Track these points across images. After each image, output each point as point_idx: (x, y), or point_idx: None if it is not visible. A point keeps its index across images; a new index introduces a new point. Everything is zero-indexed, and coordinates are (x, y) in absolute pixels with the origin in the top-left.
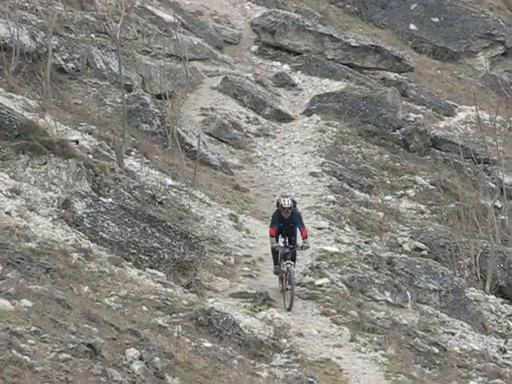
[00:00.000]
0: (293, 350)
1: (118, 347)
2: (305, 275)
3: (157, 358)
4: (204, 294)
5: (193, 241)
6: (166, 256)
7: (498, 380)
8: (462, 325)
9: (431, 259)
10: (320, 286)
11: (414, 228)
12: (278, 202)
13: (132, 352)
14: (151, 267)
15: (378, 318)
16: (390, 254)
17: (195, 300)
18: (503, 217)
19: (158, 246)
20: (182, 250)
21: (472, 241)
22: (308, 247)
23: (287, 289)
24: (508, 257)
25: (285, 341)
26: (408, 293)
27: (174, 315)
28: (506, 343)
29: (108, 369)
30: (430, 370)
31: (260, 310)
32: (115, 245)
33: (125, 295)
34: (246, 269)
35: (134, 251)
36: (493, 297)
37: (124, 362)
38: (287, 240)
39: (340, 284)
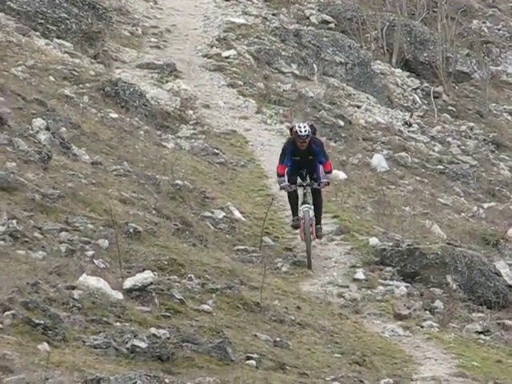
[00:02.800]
0: (199, 122)
1: (25, 117)
2: (212, 47)
3: (63, 129)
4: (111, 64)
5: (101, 11)
6: (74, 26)
7: (403, 153)
8: (367, 98)
9: (338, 32)
10: (227, 57)
11: (321, 1)
12: (291, 129)
13: (38, 122)
14: (58, 37)
15: (284, 91)
16: (297, 27)
17: (102, 71)
18: None
19: (65, 16)
20: (90, 21)
21: (379, 14)
22: (328, 184)
23: (303, 239)
24: (414, 30)
25: (191, 112)
26: (314, 65)
27: (80, 86)
28: (411, 117)
29: (14, 138)
30: (335, 142)
31: (167, 82)
32: (23, 14)
33: (32, 65)
34: (153, 40)
35: (42, 21)
36: (399, 70)
37: (30, 131)
38: (307, 177)
39: (247, 56)
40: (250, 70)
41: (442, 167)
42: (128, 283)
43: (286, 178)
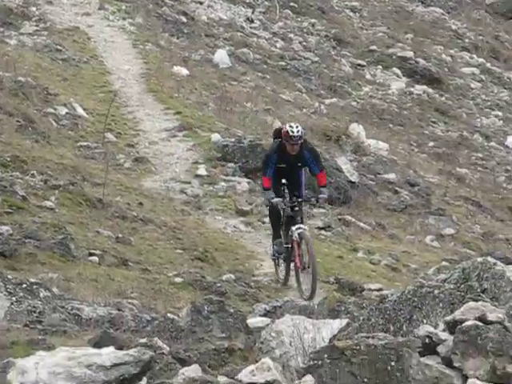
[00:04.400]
0: (42, 18)
1: None
2: None
3: None
4: None
5: None
6: None
7: (245, 49)
8: None
9: None
10: None
11: None
12: (279, 131)
13: None
14: None
15: None
16: None
17: None
18: None
19: None
20: None
21: None
22: (326, 200)
23: (304, 268)
24: None
25: (34, 9)
26: None
27: None
28: (253, 13)
29: None
30: (177, 39)
31: None
32: None
33: None
34: None
35: None
36: None
37: None
38: (290, 191)
39: None
40: None
41: (283, 63)
42: None
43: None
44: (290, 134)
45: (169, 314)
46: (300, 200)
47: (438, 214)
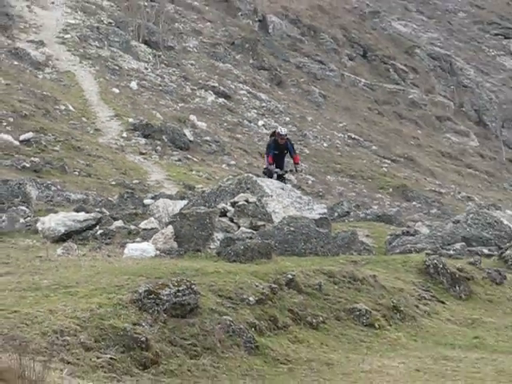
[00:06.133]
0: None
1: None
2: None
3: None
4: None
5: None
6: None
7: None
8: None
9: None
10: None
11: None
12: (273, 133)
13: None
14: None
15: None
16: None
17: None
18: None
19: None
20: None
21: None
22: (302, 170)
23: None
24: None
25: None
26: None
27: None
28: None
29: None
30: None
31: None
32: None
33: None
34: None
35: None
36: None
37: None
38: (280, 167)
39: None
40: None
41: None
42: None
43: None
44: (281, 133)
45: (109, 198)
46: (288, 170)
47: (228, 154)
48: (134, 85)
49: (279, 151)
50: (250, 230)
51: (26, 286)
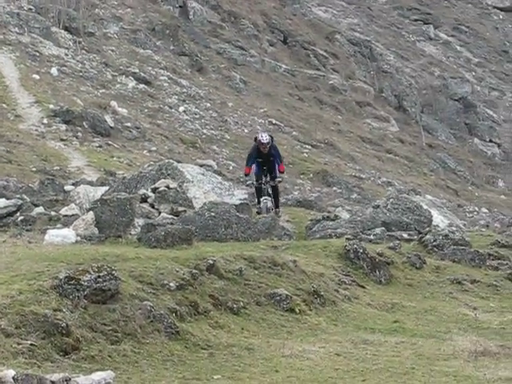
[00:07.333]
0: None
1: None
2: None
3: None
4: None
5: None
6: None
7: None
8: None
9: None
10: None
11: None
12: (255, 139)
13: None
14: None
15: None
16: None
17: None
18: None
19: None
20: None
21: None
22: (281, 181)
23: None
24: None
25: None
26: None
27: None
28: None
29: None
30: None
31: None
32: None
33: None
34: None
35: None
36: None
37: None
38: (267, 174)
39: None
40: None
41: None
42: None
43: (251, 177)
44: (262, 141)
45: (30, 184)
46: (264, 182)
47: (149, 141)
48: (54, 71)
49: (263, 159)
50: (170, 216)
51: None
